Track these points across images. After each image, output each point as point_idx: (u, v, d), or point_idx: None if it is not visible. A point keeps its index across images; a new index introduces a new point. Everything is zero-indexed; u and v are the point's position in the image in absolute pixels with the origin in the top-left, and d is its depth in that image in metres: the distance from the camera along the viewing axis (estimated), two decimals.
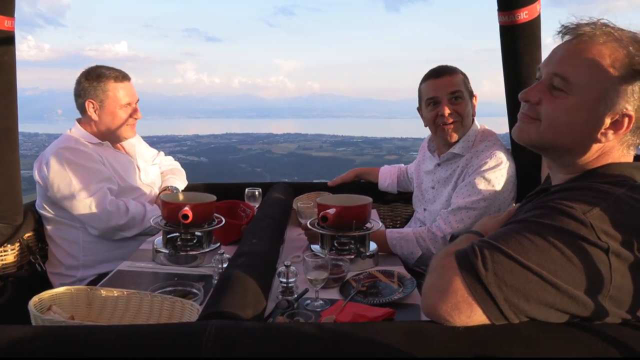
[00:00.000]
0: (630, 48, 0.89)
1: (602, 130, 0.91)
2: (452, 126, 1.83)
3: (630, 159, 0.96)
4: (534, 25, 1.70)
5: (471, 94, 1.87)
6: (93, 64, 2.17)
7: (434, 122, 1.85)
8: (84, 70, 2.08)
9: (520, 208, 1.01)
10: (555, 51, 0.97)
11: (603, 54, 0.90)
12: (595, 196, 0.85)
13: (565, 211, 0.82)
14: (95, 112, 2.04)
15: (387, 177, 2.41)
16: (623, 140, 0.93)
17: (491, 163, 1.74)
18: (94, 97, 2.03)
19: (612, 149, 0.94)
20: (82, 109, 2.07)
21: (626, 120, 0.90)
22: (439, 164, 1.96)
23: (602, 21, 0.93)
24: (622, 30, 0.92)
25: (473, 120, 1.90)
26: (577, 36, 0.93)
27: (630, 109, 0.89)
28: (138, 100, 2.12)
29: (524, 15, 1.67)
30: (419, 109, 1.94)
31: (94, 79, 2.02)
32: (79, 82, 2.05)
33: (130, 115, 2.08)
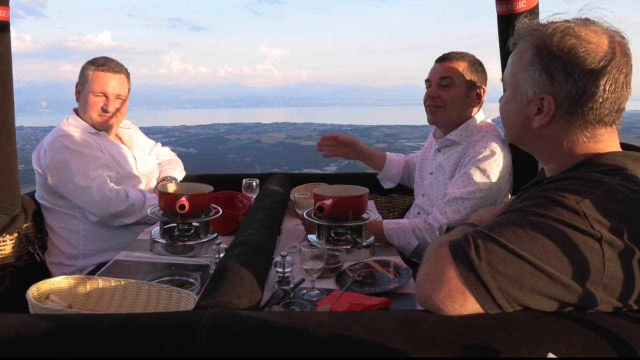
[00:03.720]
0: (537, 34, 0.94)
1: (532, 118, 0.97)
2: (433, 109, 1.86)
3: (601, 141, 0.95)
4: (533, 14, 1.69)
5: (473, 85, 1.84)
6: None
7: (425, 102, 1.90)
8: None
9: (515, 199, 1.02)
10: None
11: (520, 49, 0.98)
12: (589, 185, 0.85)
13: (559, 201, 0.82)
14: (78, 94, 2.07)
15: (393, 165, 2.29)
16: (568, 125, 0.94)
17: (485, 153, 1.74)
18: (80, 80, 2.07)
19: (558, 135, 0.96)
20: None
21: (545, 104, 0.94)
22: (438, 150, 1.97)
23: (535, 20, 1.00)
24: (548, 20, 0.96)
25: (473, 110, 1.88)
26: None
27: (544, 92, 0.94)
28: (120, 95, 2.07)
29: (522, 4, 1.67)
30: None
31: (86, 64, 2.06)
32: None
33: (102, 107, 2.04)
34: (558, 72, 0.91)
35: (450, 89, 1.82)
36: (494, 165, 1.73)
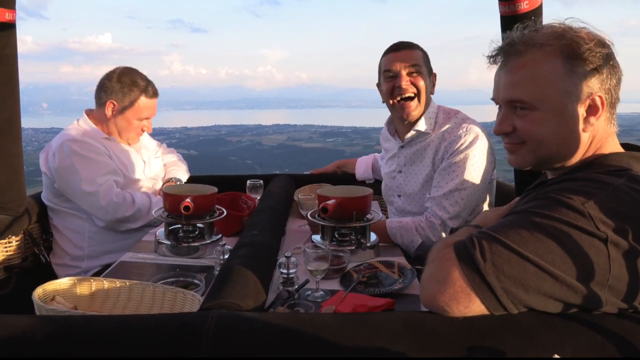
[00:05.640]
0: (558, 43, 0.92)
1: (584, 120, 0.94)
2: (408, 103, 1.81)
3: (614, 133, 0.98)
4: (536, 15, 1.69)
5: (430, 72, 1.86)
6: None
7: (391, 94, 1.83)
8: (120, 67, 2.10)
9: (520, 200, 1.02)
10: (497, 80, 1.01)
11: (538, 61, 0.93)
12: (594, 186, 0.85)
13: (564, 202, 0.82)
14: (112, 112, 2.06)
15: (362, 164, 2.45)
16: (604, 118, 0.95)
17: (469, 139, 1.74)
18: (117, 99, 2.04)
19: (598, 129, 0.96)
20: (100, 103, 2.08)
21: (598, 101, 0.92)
22: (402, 146, 1.95)
23: (518, 32, 0.97)
24: (539, 31, 0.95)
25: (431, 98, 1.88)
26: (505, 59, 0.97)
27: (595, 90, 0.92)
28: (154, 115, 2.15)
29: (524, 5, 1.66)
30: (378, 85, 1.93)
31: (126, 84, 2.04)
32: (110, 79, 2.05)
33: (142, 128, 2.13)
34: (605, 66, 0.91)
35: (418, 77, 1.80)
36: (480, 149, 1.74)
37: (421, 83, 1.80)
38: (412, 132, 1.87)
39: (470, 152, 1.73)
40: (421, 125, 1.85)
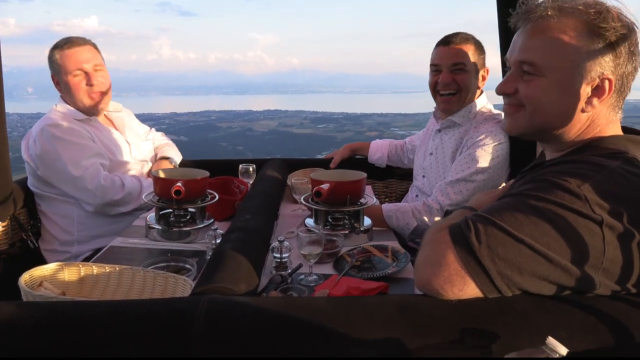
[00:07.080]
0: (585, 15, 0.90)
1: (586, 100, 0.92)
2: (449, 98, 1.83)
3: (617, 121, 0.96)
4: None
5: (479, 68, 1.85)
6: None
7: (434, 88, 1.87)
8: None
9: (515, 183, 1.01)
10: (515, 40, 0.98)
11: (560, 28, 0.91)
12: (590, 169, 0.84)
13: (560, 184, 0.82)
14: (58, 85, 2.00)
15: (377, 150, 2.44)
16: (608, 104, 0.94)
17: (491, 136, 1.75)
18: (53, 70, 1.99)
19: (599, 114, 0.94)
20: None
21: (607, 84, 0.91)
22: (439, 130, 1.97)
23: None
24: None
25: (481, 93, 1.90)
26: (530, 20, 0.94)
27: (607, 72, 0.90)
28: (97, 65, 1.98)
29: None
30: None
31: (50, 51, 1.97)
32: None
33: (86, 82, 1.96)
34: (624, 50, 0.89)
35: (462, 73, 1.81)
36: (498, 149, 1.75)
37: (464, 80, 1.80)
38: (446, 120, 1.90)
39: (487, 149, 1.74)
40: (457, 116, 1.87)
